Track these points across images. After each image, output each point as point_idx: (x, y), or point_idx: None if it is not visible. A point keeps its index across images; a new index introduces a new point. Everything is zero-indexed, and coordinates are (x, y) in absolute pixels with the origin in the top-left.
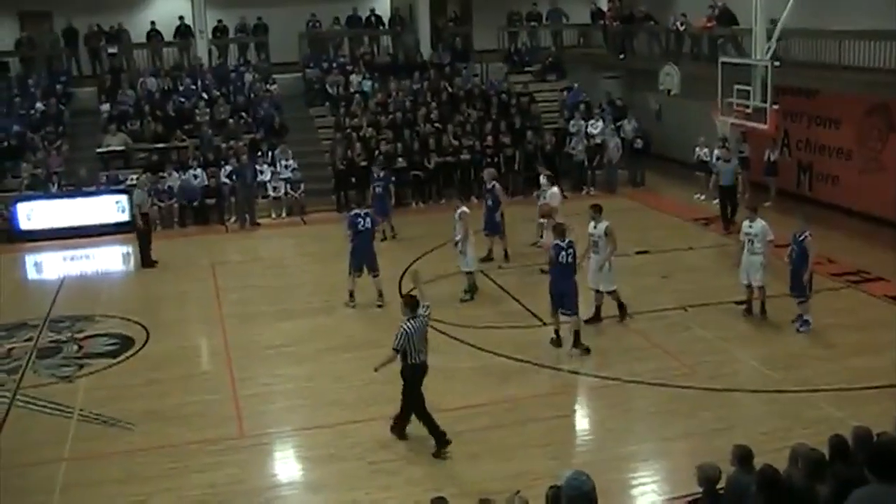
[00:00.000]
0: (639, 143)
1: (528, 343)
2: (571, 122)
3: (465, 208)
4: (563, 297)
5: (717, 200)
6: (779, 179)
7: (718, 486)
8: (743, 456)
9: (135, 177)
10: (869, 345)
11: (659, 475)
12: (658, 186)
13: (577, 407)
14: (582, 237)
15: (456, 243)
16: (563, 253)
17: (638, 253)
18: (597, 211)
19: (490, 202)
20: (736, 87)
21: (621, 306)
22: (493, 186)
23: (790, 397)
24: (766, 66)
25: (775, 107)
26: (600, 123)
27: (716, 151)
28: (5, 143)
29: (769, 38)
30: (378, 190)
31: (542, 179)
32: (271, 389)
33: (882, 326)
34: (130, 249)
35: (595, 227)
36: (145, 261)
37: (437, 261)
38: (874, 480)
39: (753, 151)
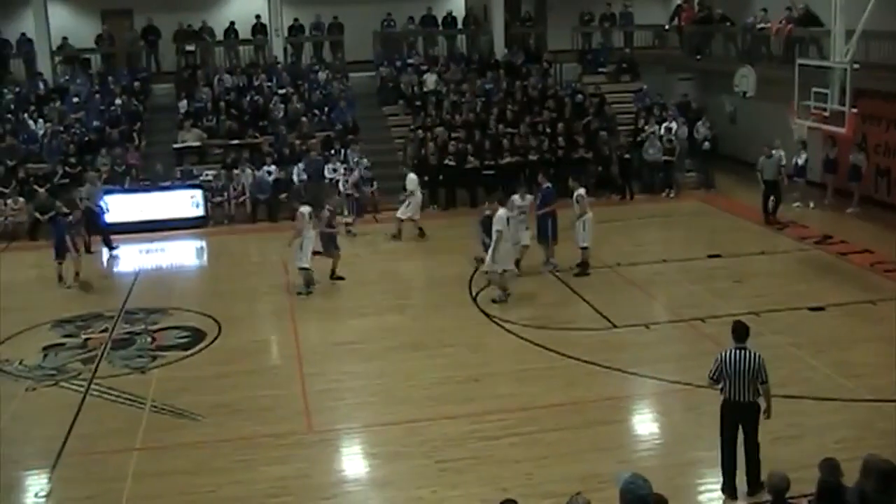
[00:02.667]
0: (706, 146)
1: (599, 346)
2: (646, 124)
3: (581, 190)
4: None
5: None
6: (861, 185)
7: (788, 496)
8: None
9: (210, 173)
10: None
11: None
12: (731, 189)
13: (646, 411)
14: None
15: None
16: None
17: (710, 257)
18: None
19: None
20: (813, 89)
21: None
22: (547, 188)
23: (863, 406)
24: (845, 69)
25: (854, 110)
26: (673, 125)
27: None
28: (85, 139)
29: (849, 40)
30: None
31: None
32: (340, 386)
33: None
34: (204, 244)
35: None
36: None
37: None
38: None
39: (840, 155)
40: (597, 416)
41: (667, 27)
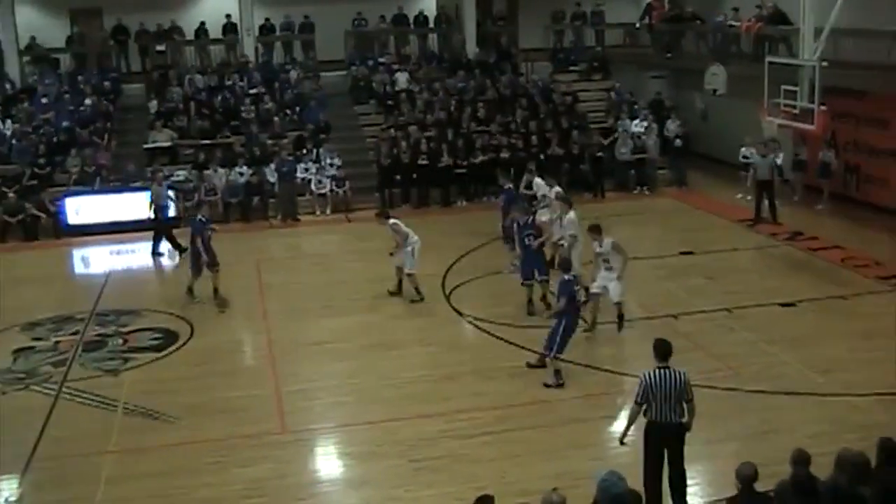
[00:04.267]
0: (678, 143)
1: (572, 343)
2: (619, 122)
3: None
4: None
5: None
6: (831, 182)
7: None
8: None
9: (182, 173)
10: None
11: (702, 477)
12: (703, 187)
13: (619, 408)
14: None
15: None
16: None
17: (682, 254)
18: (597, 232)
19: (503, 204)
20: (783, 87)
21: (621, 317)
22: (509, 189)
23: (836, 401)
24: (814, 67)
25: (823, 108)
26: (645, 123)
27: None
28: (55, 139)
29: (817, 37)
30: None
31: (535, 180)
32: (314, 386)
33: None
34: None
35: (601, 247)
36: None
37: (482, 258)
38: None
39: (810, 153)
40: (571, 413)
41: (638, 25)
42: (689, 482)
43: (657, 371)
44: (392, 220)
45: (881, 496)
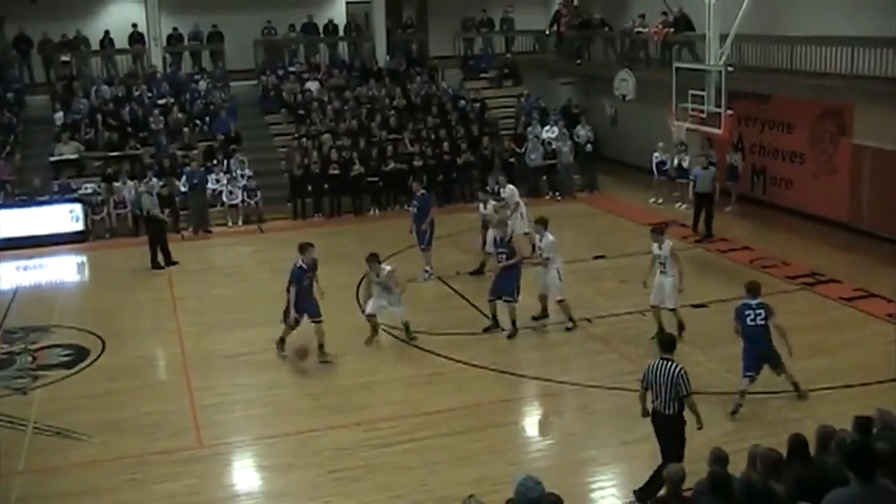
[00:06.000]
0: (589, 148)
1: (487, 349)
2: (529, 129)
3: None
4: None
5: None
6: (738, 184)
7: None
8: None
9: (90, 186)
10: (823, 346)
11: (619, 478)
12: (614, 191)
13: (537, 412)
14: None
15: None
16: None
17: (595, 258)
18: (659, 233)
19: (416, 211)
20: (690, 92)
21: (680, 325)
22: (423, 195)
23: (748, 399)
24: (720, 72)
25: (729, 112)
26: (556, 129)
27: (686, 157)
28: None
29: (723, 43)
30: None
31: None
32: (230, 399)
33: (836, 328)
34: (85, 259)
35: (660, 248)
36: (167, 260)
37: (396, 267)
38: (854, 479)
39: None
40: (489, 419)
41: (547, 33)
42: (605, 484)
43: (658, 362)
44: (388, 269)
45: (793, 491)
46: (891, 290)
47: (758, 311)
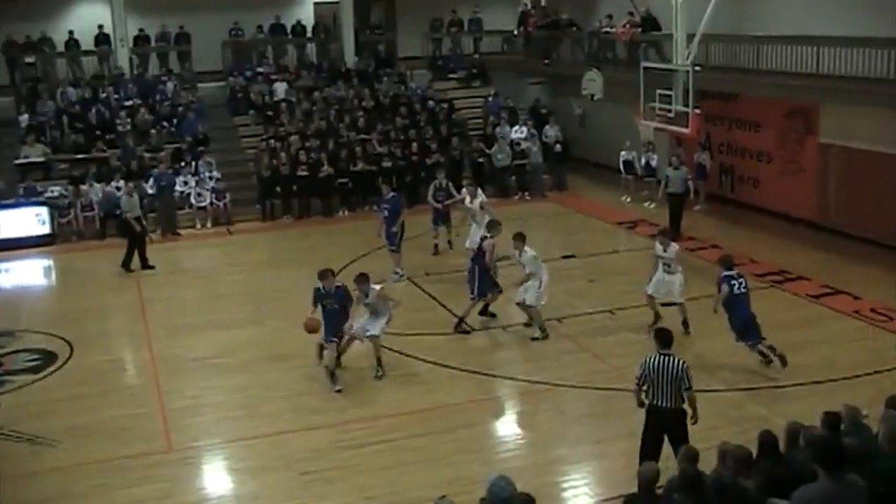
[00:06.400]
0: (558, 148)
1: (458, 349)
2: (498, 129)
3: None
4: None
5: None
6: (706, 183)
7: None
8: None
9: (56, 189)
10: (791, 343)
11: (592, 477)
12: (583, 190)
13: (508, 412)
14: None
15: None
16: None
17: (564, 257)
18: (667, 236)
19: (387, 213)
20: (658, 91)
21: (685, 322)
22: (393, 196)
23: (717, 397)
24: (687, 71)
25: (697, 111)
26: (524, 129)
27: (654, 156)
28: None
29: (689, 43)
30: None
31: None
32: (199, 402)
33: (804, 325)
34: (52, 262)
35: (665, 251)
36: (143, 265)
37: (366, 268)
38: (823, 475)
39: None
40: (461, 419)
41: (515, 33)
42: (577, 483)
43: (657, 357)
44: (377, 288)
45: (763, 487)
46: (858, 287)
47: (740, 280)
